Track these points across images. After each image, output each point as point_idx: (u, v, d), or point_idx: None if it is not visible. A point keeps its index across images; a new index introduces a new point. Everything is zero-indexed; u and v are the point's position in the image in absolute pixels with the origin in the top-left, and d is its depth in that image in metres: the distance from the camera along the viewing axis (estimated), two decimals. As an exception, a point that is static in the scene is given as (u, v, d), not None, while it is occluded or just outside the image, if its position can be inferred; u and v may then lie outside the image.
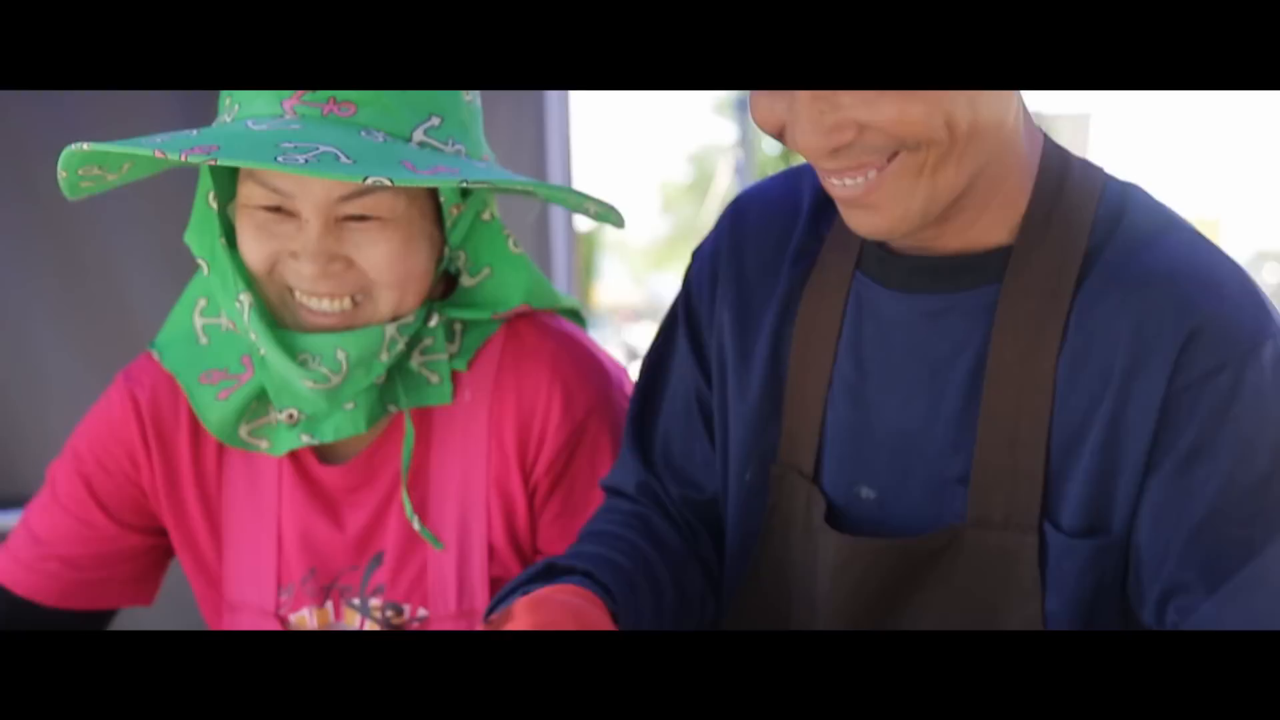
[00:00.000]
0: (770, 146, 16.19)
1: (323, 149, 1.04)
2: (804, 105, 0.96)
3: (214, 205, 1.19)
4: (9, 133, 1.89)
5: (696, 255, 1.21)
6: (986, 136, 0.98)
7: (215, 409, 1.24)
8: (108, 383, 1.32)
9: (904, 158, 0.97)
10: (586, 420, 1.26)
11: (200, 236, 1.20)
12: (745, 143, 4.67)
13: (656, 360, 1.23)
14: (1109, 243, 1.03)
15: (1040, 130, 1.07)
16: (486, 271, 1.26)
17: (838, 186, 1.00)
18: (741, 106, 4.47)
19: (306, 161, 1.02)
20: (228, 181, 1.20)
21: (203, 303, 1.28)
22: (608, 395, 1.28)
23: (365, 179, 1.03)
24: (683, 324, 1.20)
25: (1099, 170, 1.07)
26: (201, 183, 1.20)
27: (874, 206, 0.99)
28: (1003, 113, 0.99)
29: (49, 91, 1.90)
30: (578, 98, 3.61)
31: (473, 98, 1.20)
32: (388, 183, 1.04)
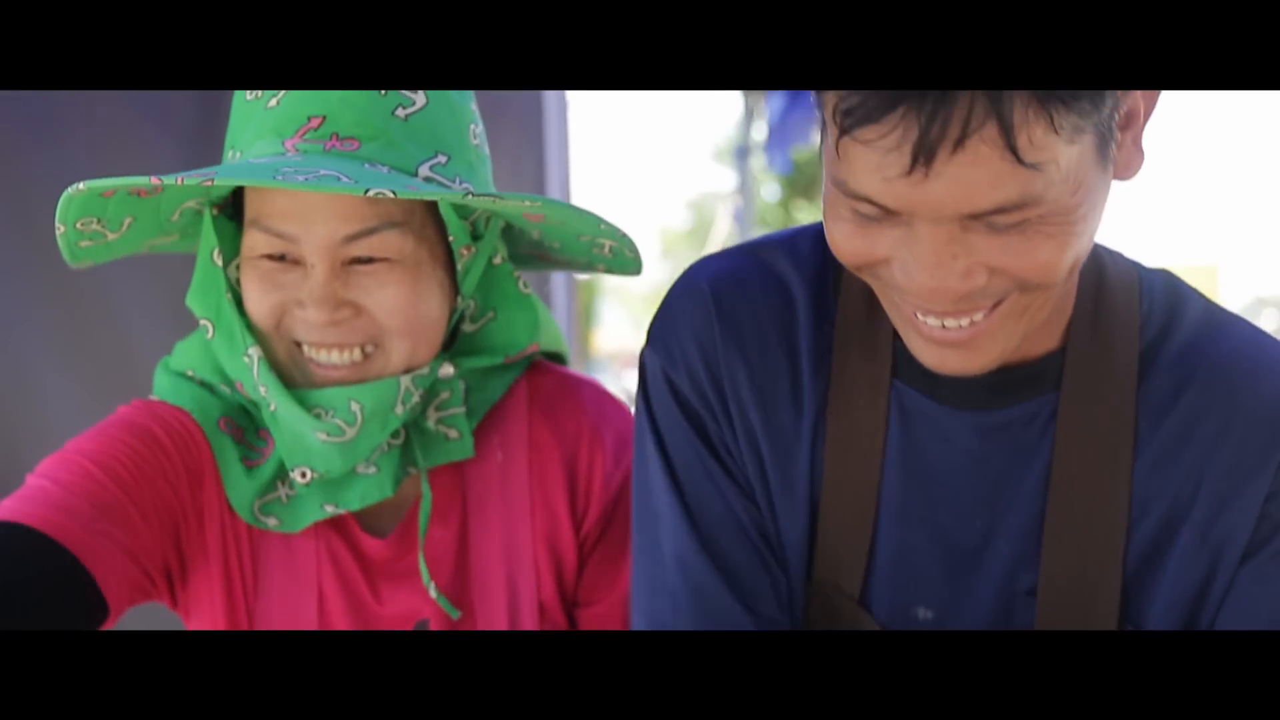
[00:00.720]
0: (769, 193, 16.24)
1: (324, 172, 1.02)
2: (929, 245, 0.89)
3: (218, 261, 1.15)
4: (10, 176, 1.90)
5: (670, 358, 1.08)
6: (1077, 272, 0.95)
7: (239, 475, 1.16)
8: (106, 411, 1.24)
9: (1015, 299, 0.93)
10: (629, 463, 1.21)
11: (204, 296, 1.16)
12: (744, 190, 4.70)
13: (673, 497, 1.08)
14: (1169, 338, 1.01)
15: None
16: (490, 315, 1.23)
17: (934, 328, 0.94)
18: (741, 154, 4.49)
19: (306, 180, 0.99)
20: (232, 238, 1.17)
21: (190, 371, 1.22)
22: None
23: (367, 191, 0.99)
24: (706, 454, 1.07)
25: (1124, 258, 1.05)
26: (204, 240, 1.17)
27: (973, 348, 0.95)
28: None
29: (51, 129, 1.91)
30: (578, 142, 3.61)
31: (479, 142, 1.18)
32: (390, 194, 1.00)
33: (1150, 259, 1.09)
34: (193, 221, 1.21)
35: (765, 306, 1.07)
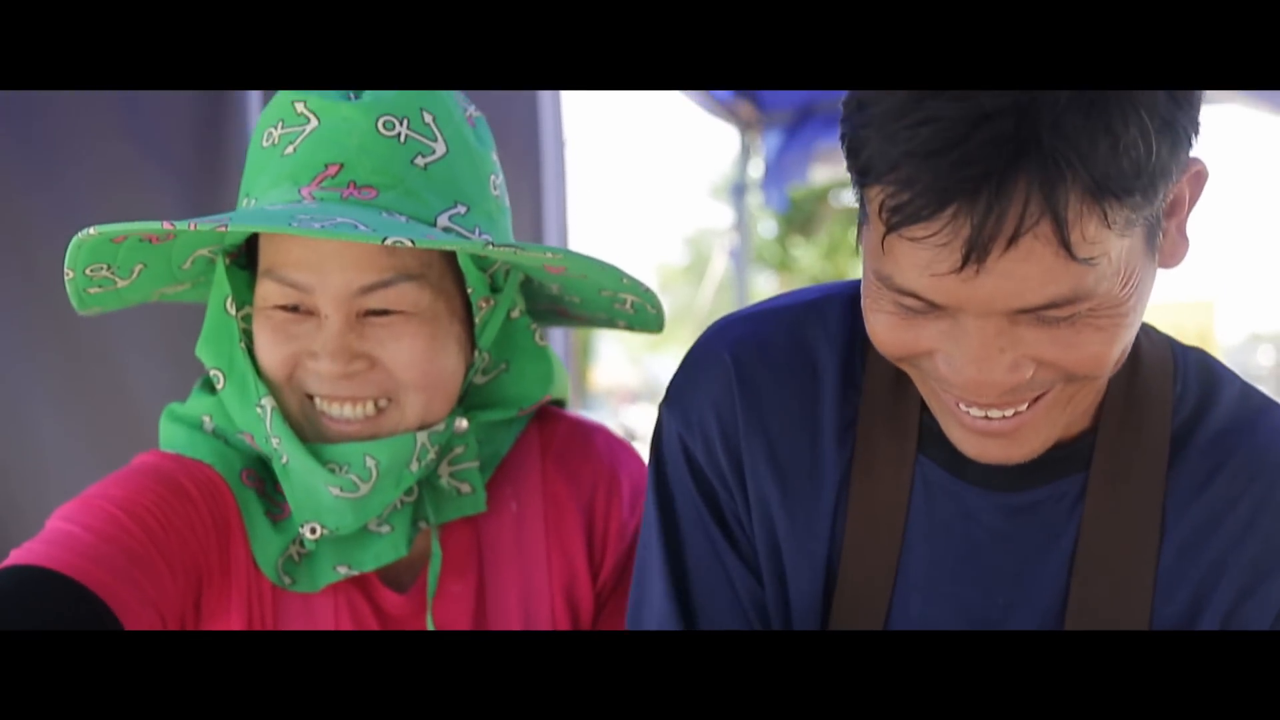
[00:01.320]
0: (766, 230, 16.28)
1: (340, 220, 1.00)
2: (977, 339, 0.88)
3: (232, 310, 1.13)
4: (9, 214, 1.90)
5: (687, 422, 1.06)
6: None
7: (265, 530, 1.13)
8: (108, 465, 1.22)
9: (1060, 390, 0.92)
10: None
11: (215, 345, 1.14)
12: (741, 227, 4.73)
13: (682, 573, 1.07)
14: (1202, 422, 1.00)
15: None
16: (502, 367, 1.20)
17: (977, 418, 0.94)
18: (738, 191, 4.51)
19: (322, 227, 0.97)
20: (245, 288, 1.15)
21: (207, 418, 1.18)
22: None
23: (385, 240, 0.97)
24: (711, 524, 1.06)
25: (1159, 334, 1.05)
26: (216, 289, 1.15)
27: (1016, 439, 0.94)
28: None
29: (51, 172, 1.91)
30: (575, 178, 3.63)
31: (500, 193, 1.16)
32: (409, 243, 0.98)
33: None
34: (204, 270, 1.18)
35: (789, 377, 1.05)
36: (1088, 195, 0.81)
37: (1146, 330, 1.05)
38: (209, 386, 1.19)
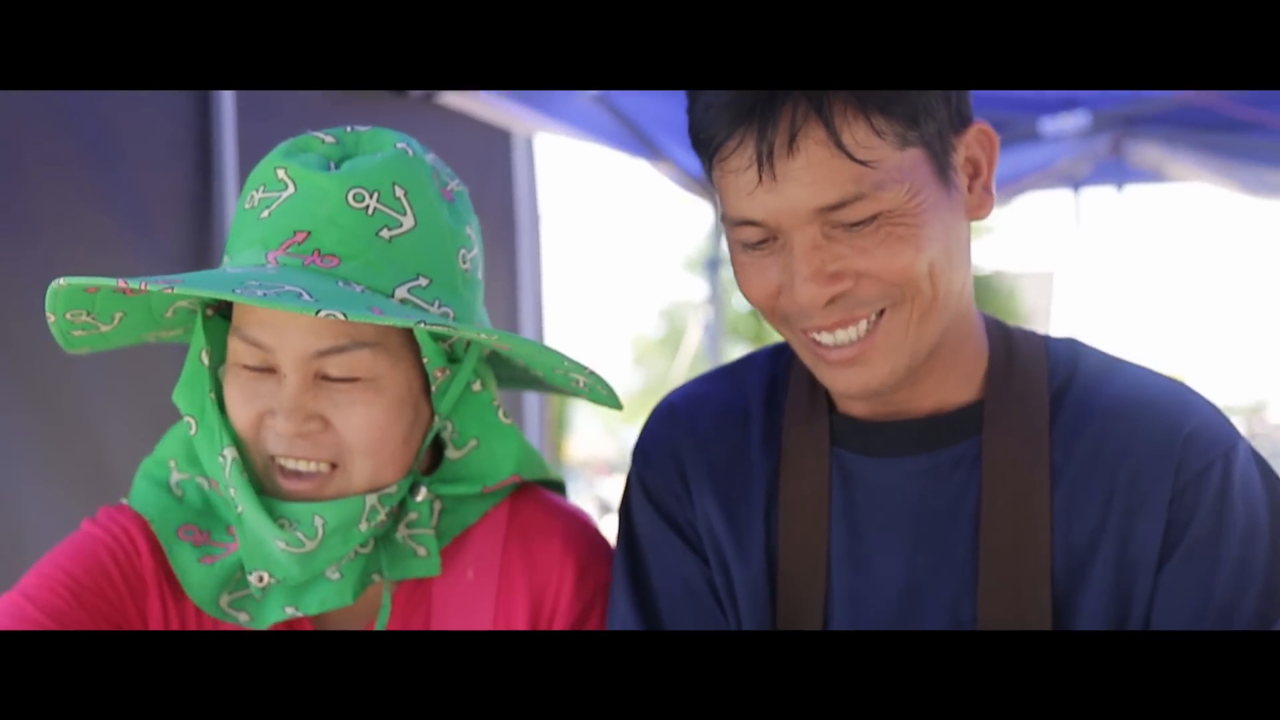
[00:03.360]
0: (740, 304, 16.39)
1: (287, 288, 1.04)
2: (802, 257, 1.07)
3: (205, 361, 1.17)
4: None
5: (646, 464, 1.25)
6: (953, 294, 1.11)
7: (197, 571, 1.18)
8: (80, 514, 1.26)
9: (891, 314, 1.09)
10: (594, 599, 1.24)
11: (190, 393, 1.18)
12: (715, 299, 4.76)
13: (643, 573, 1.22)
14: (1072, 384, 1.16)
15: (973, 304, 1.20)
16: (474, 444, 1.23)
17: (830, 347, 1.11)
18: (712, 265, 4.54)
19: (265, 295, 1.02)
20: (223, 340, 1.19)
21: (173, 463, 1.24)
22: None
23: (318, 312, 1.01)
24: (665, 529, 1.22)
25: (1033, 331, 1.22)
26: (195, 340, 1.19)
27: (866, 363, 1.10)
28: (965, 274, 1.13)
29: (28, 239, 1.91)
30: (550, 251, 3.65)
31: (470, 267, 1.19)
32: (340, 317, 1.02)
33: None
34: (190, 318, 1.22)
35: (724, 410, 1.25)
36: (852, 104, 1.04)
37: (1017, 327, 1.22)
38: (182, 430, 1.24)
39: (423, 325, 1.07)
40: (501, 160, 3.29)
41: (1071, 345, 1.20)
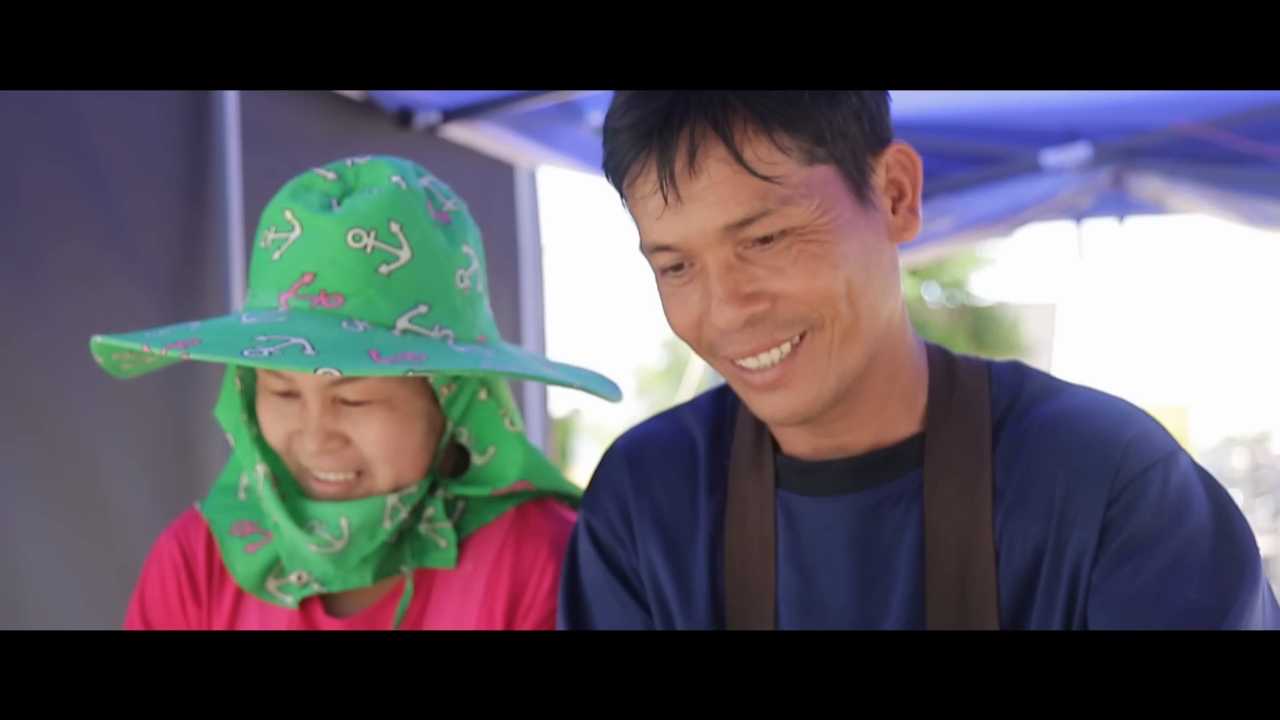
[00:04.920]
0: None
1: (293, 340, 1.15)
2: (716, 279, 1.05)
3: (239, 385, 1.30)
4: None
5: (593, 509, 1.25)
6: (879, 317, 1.09)
7: (242, 560, 1.32)
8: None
9: (812, 337, 1.07)
10: None
11: (226, 413, 1.32)
12: (719, 329, 4.77)
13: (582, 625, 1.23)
14: (1013, 408, 1.14)
15: (917, 335, 1.19)
16: (492, 450, 1.34)
17: (753, 372, 1.09)
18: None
19: (271, 354, 1.14)
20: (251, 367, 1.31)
21: (243, 473, 1.38)
22: None
23: (315, 370, 1.13)
24: (608, 574, 1.23)
25: (978, 358, 1.20)
26: (229, 365, 1.30)
27: (790, 387, 1.08)
28: (893, 298, 1.11)
29: (29, 279, 1.92)
30: (553, 283, 3.65)
31: (469, 284, 1.28)
32: (336, 374, 1.15)
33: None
34: None
35: (671, 453, 1.24)
36: (753, 120, 1.03)
37: (963, 355, 1.20)
38: None
39: (410, 373, 1.16)
40: (505, 193, 3.30)
41: (1015, 369, 1.18)
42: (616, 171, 1.09)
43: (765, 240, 1.04)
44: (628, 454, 1.25)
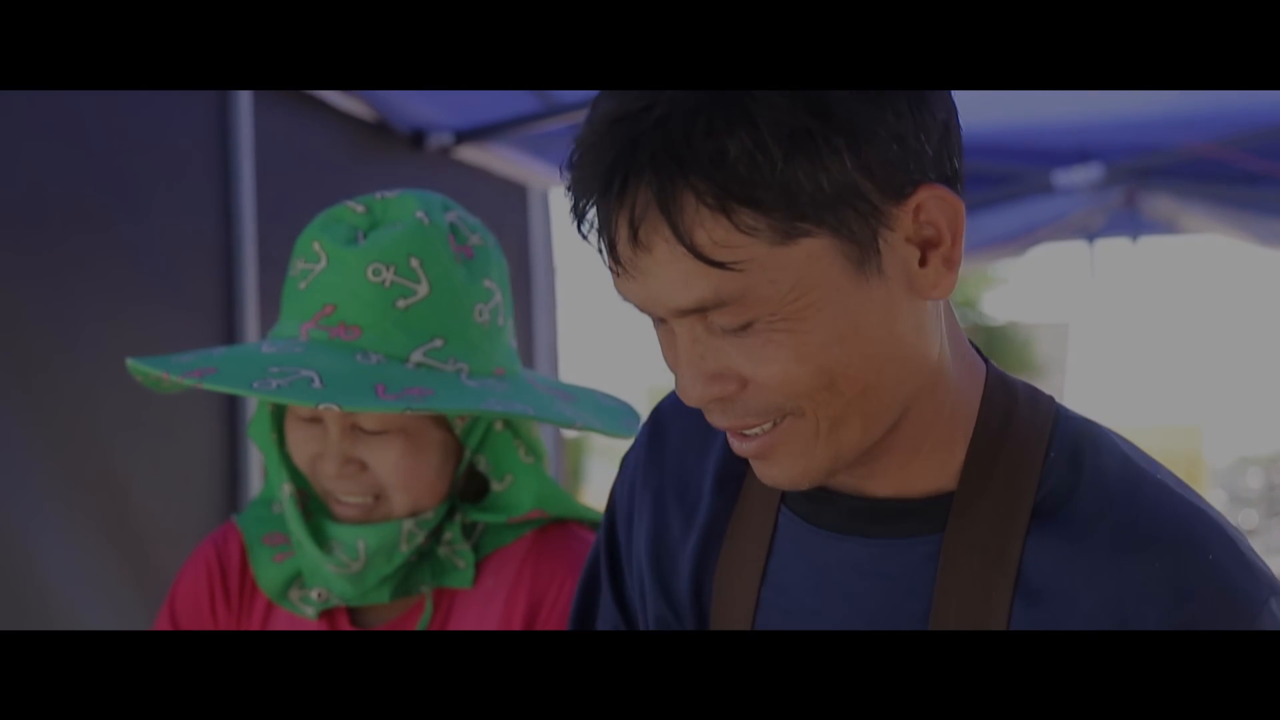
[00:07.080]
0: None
1: (303, 373, 1.20)
2: (681, 343, 0.90)
3: (270, 405, 1.34)
4: (15, 338, 1.91)
5: (623, 466, 1.14)
6: (890, 390, 0.91)
7: (268, 568, 1.36)
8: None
9: (792, 422, 0.90)
10: None
11: (259, 432, 1.36)
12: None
13: (583, 613, 1.18)
14: (1073, 494, 0.94)
15: (982, 361, 1.00)
16: (509, 479, 1.36)
17: (736, 440, 0.94)
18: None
19: (278, 387, 1.19)
20: None
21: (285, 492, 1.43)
22: None
23: (317, 405, 1.19)
24: (605, 570, 1.15)
25: (1049, 403, 0.99)
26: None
27: (775, 460, 0.92)
28: (916, 362, 0.92)
29: (56, 297, 1.94)
30: (565, 302, 3.66)
31: (488, 318, 1.31)
32: (336, 409, 1.20)
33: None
34: None
35: (695, 429, 1.07)
36: (707, 198, 0.83)
37: (1033, 393, 0.99)
38: None
39: (408, 411, 1.20)
40: (517, 214, 3.32)
41: (1081, 436, 0.97)
42: (574, 216, 0.90)
43: (728, 325, 0.88)
44: (658, 415, 1.12)
